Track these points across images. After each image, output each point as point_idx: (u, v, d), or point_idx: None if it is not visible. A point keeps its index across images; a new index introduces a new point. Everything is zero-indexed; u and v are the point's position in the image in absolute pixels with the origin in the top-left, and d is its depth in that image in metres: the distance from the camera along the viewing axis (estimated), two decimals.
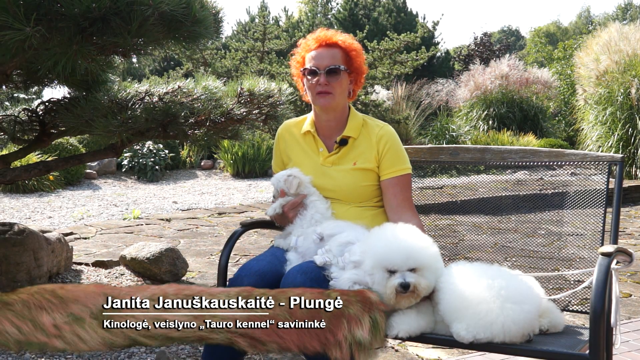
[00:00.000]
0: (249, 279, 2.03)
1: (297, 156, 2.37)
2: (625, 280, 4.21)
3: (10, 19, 2.04)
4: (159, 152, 10.17)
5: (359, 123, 2.34)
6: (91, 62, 2.56)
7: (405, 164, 2.31)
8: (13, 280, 3.29)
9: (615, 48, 9.79)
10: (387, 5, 21.22)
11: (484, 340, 1.77)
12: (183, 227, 6.02)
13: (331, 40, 2.28)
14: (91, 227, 5.83)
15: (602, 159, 2.22)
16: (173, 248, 3.97)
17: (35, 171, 3.18)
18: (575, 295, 2.15)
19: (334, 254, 2.01)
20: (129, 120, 2.75)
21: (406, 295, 1.84)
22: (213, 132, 3.12)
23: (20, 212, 6.80)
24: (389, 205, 2.28)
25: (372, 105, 11.03)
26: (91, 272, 3.95)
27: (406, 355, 2.89)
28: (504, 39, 28.71)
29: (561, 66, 15.32)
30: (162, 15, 2.29)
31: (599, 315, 1.66)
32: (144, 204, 7.65)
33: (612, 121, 9.66)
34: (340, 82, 2.26)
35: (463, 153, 2.48)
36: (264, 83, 3.18)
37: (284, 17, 24.48)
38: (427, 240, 1.94)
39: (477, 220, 4.68)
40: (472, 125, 12.87)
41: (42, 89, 3.61)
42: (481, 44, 20.58)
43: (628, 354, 2.92)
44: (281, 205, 2.27)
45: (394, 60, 11.66)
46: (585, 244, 2.43)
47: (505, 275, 1.88)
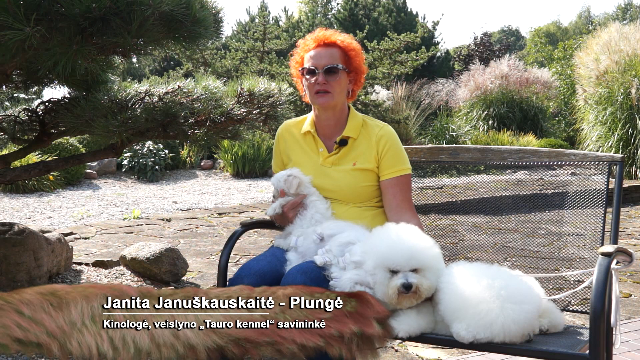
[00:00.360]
0: (249, 279, 2.03)
1: (297, 156, 2.37)
2: (625, 280, 4.21)
3: (10, 19, 2.04)
4: (159, 152, 10.17)
5: (359, 123, 2.33)
6: (91, 62, 2.56)
7: (404, 164, 2.30)
8: (13, 280, 3.29)
9: (615, 48, 9.78)
10: (387, 5, 21.21)
11: (484, 340, 1.77)
12: (183, 227, 6.02)
13: (329, 40, 2.28)
14: (91, 227, 5.83)
15: (602, 159, 2.22)
16: (173, 248, 3.97)
17: (35, 171, 3.18)
18: (575, 295, 2.15)
19: (334, 254, 2.01)
20: (129, 120, 2.75)
21: (408, 296, 1.84)
22: (213, 132, 3.12)
23: (20, 212, 6.80)
24: (388, 205, 2.27)
25: (372, 105, 11.03)
26: (91, 272, 3.95)
27: (406, 355, 2.89)
28: (504, 39, 28.71)
29: (561, 66, 15.31)
30: (162, 15, 2.29)
31: (599, 315, 1.66)
32: (144, 204, 7.65)
33: (612, 121, 9.66)
34: (338, 81, 2.25)
35: (463, 153, 2.48)
36: (264, 83, 3.18)
37: (284, 17, 24.49)
38: (429, 240, 1.94)
39: (477, 220, 4.68)
40: (472, 125, 12.87)
41: (42, 89, 3.61)
42: (481, 44, 20.58)
43: (628, 354, 2.92)
44: (281, 205, 2.27)
45: (394, 60, 11.66)
46: (585, 244, 2.43)
47: (505, 275, 1.88)
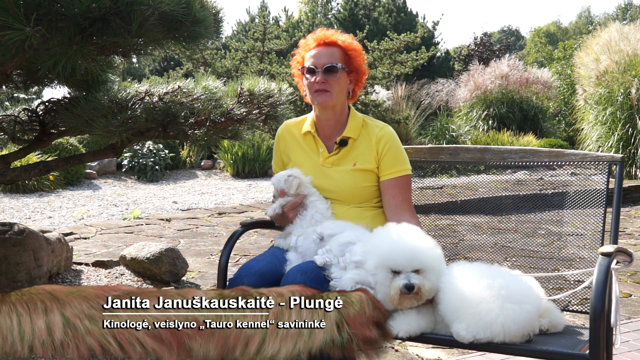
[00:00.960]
0: (249, 279, 2.03)
1: (297, 156, 2.37)
2: (625, 280, 4.21)
3: (10, 19, 2.04)
4: (159, 152, 10.17)
5: (359, 124, 2.33)
6: (91, 62, 2.56)
7: (404, 165, 2.30)
8: (13, 280, 3.29)
9: (615, 48, 9.78)
10: (387, 5, 21.22)
11: (484, 340, 1.77)
12: (183, 227, 6.02)
13: (330, 40, 2.28)
14: (91, 227, 5.83)
15: (602, 159, 2.22)
16: (173, 248, 3.97)
17: (35, 171, 3.18)
18: (575, 295, 2.15)
19: (334, 254, 2.01)
20: (129, 120, 2.75)
21: (410, 297, 1.84)
22: (213, 132, 3.11)
23: (20, 212, 6.80)
24: (388, 206, 2.27)
25: (372, 105, 11.03)
26: (91, 272, 3.95)
27: (406, 355, 2.89)
28: (504, 39, 28.67)
29: (561, 66, 15.32)
30: (162, 15, 2.28)
31: (599, 315, 1.66)
32: (144, 204, 7.65)
33: (612, 121, 9.66)
34: (338, 80, 2.25)
35: (463, 153, 2.48)
36: (264, 83, 3.18)
37: (284, 17, 24.49)
38: (431, 241, 1.94)
39: (477, 220, 4.68)
40: (472, 125, 12.87)
41: (42, 89, 3.61)
42: (481, 44, 20.58)
43: (628, 354, 2.92)
44: (281, 206, 2.27)
45: (394, 60, 11.66)
46: (585, 244, 2.43)
47: (505, 275, 1.88)
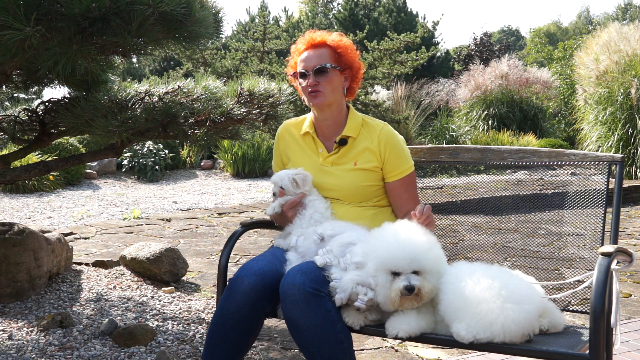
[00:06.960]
0: (249, 279, 2.03)
1: (296, 156, 2.37)
2: (625, 280, 4.21)
3: (10, 19, 2.04)
4: (159, 152, 10.17)
5: (359, 123, 2.33)
6: (91, 62, 2.56)
7: (407, 163, 2.32)
8: (13, 280, 3.29)
9: (615, 48, 9.78)
10: (387, 5, 21.22)
11: (484, 340, 1.77)
12: (183, 227, 6.02)
13: (317, 41, 2.29)
14: (91, 227, 5.83)
15: (602, 159, 2.22)
16: (173, 248, 3.96)
17: (35, 171, 3.18)
18: (575, 295, 2.15)
19: (335, 255, 2.01)
20: (129, 120, 2.75)
21: (410, 298, 1.84)
22: (213, 132, 3.11)
23: (20, 212, 6.80)
24: (395, 204, 2.33)
25: (372, 105, 11.02)
26: (91, 272, 3.95)
27: (406, 355, 2.89)
28: (504, 39, 28.69)
29: (561, 66, 15.32)
30: (162, 15, 2.28)
31: (599, 315, 1.66)
32: (144, 204, 7.65)
33: (612, 121, 9.66)
34: (329, 80, 2.26)
35: (463, 153, 2.48)
36: (264, 83, 3.18)
37: (284, 17, 24.50)
38: (430, 240, 1.93)
39: (477, 220, 4.68)
40: (472, 125, 12.87)
41: (42, 89, 3.61)
42: (481, 44, 20.59)
43: (628, 354, 2.92)
44: (280, 205, 2.27)
45: (394, 60, 11.66)
46: (585, 244, 2.43)
47: (505, 275, 1.88)
